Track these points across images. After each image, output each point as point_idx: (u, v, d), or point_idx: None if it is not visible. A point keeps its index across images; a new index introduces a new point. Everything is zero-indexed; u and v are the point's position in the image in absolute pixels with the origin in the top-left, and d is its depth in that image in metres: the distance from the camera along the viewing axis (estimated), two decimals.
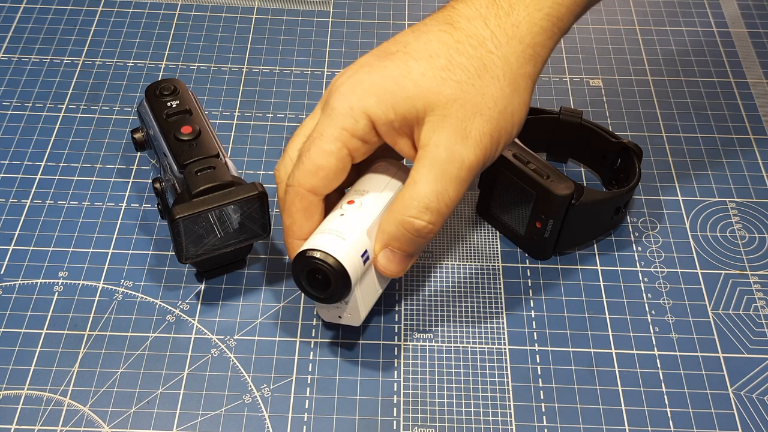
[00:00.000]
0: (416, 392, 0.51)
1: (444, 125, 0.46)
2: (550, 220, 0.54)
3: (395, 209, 0.47)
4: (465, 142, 0.46)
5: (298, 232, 0.49)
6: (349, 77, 0.48)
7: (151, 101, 0.57)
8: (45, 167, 0.62)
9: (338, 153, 0.47)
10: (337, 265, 0.46)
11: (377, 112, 0.47)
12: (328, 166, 0.48)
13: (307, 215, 0.49)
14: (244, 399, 0.50)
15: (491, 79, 0.47)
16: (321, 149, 0.47)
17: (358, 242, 0.48)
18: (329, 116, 0.47)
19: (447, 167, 0.46)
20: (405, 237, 0.47)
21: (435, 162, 0.46)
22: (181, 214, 0.49)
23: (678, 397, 0.51)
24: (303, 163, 0.48)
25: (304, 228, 0.49)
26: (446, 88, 0.46)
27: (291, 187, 0.49)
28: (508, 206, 0.57)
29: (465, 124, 0.46)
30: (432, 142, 0.46)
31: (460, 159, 0.46)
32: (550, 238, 0.55)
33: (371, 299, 0.51)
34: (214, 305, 0.55)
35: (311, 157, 0.48)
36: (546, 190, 0.53)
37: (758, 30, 0.75)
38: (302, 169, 0.48)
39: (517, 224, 0.57)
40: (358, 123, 0.47)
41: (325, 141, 0.47)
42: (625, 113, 0.67)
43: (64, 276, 0.56)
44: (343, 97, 0.47)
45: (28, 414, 0.49)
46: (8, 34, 0.72)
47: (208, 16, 0.74)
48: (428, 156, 0.46)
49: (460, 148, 0.46)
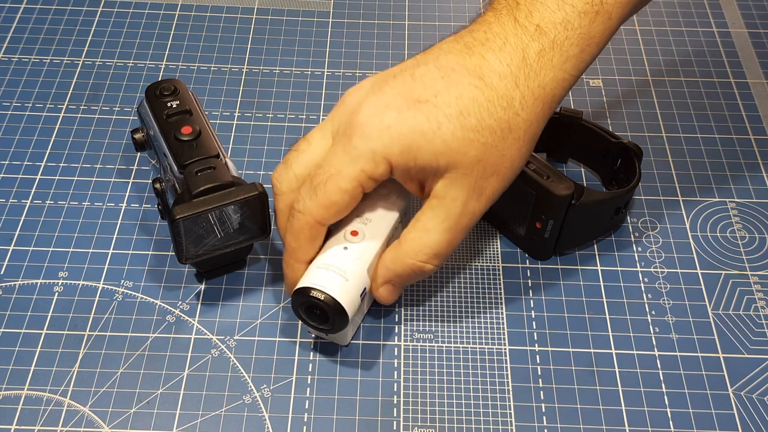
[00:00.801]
0: (416, 392, 0.51)
1: (463, 182, 0.48)
2: (550, 220, 0.54)
3: (405, 252, 0.49)
4: (479, 199, 0.49)
5: (302, 256, 0.51)
6: (375, 115, 0.48)
7: (151, 101, 0.57)
8: (45, 167, 0.62)
9: (353, 191, 0.49)
10: (338, 307, 0.48)
11: (399, 161, 0.48)
12: (341, 203, 0.49)
13: (313, 243, 0.50)
14: (244, 399, 0.50)
15: (513, 140, 0.48)
16: (338, 187, 0.48)
17: (359, 282, 0.50)
18: (350, 155, 0.48)
19: (460, 220, 0.49)
20: (410, 276, 0.50)
21: (450, 215, 0.48)
22: (181, 215, 0.49)
23: (678, 398, 0.51)
24: (317, 196, 0.49)
25: (309, 253, 0.51)
26: (472, 150, 0.47)
27: (301, 215, 0.49)
28: (508, 206, 0.57)
29: (482, 182, 0.48)
30: (449, 195, 0.48)
31: (471, 212, 0.49)
32: (550, 239, 0.55)
33: (358, 321, 0.53)
34: (214, 305, 0.55)
35: (327, 192, 0.48)
36: (546, 190, 0.53)
37: (758, 30, 0.75)
38: (316, 202, 0.49)
39: (517, 224, 0.57)
40: (377, 168, 0.48)
41: (343, 180, 0.48)
42: (625, 113, 0.67)
43: (64, 276, 0.56)
44: (368, 140, 0.47)
45: (28, 414, 0.49)
46: (8, 34, 0.72)
47: (208, 16, 0.74)
48: (444, 208, 0.48)
49: (473, 204, 0.49)
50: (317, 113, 0.66)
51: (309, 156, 0.50)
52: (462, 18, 0.75)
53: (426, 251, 0.49)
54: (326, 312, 0.49)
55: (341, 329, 0.50)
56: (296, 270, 0.51)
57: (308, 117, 0.66)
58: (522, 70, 0.48)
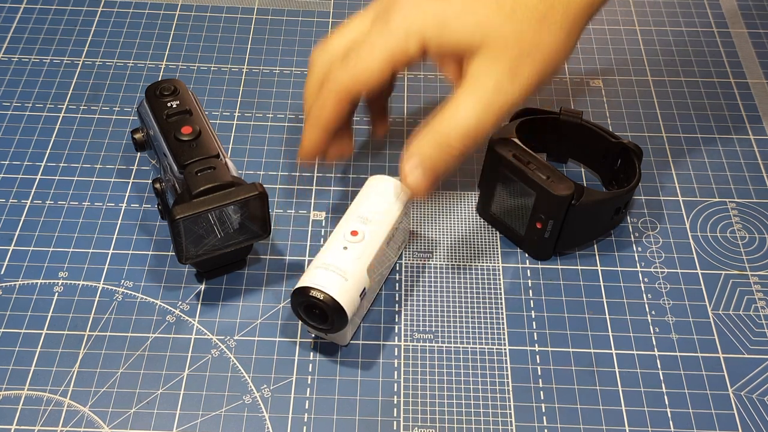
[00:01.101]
0: (416, 393, 0.51)
1: (497, 61, 0.48)
2: (551, 220, 0.54)
3: (434, 130, 0.49)
4: (513, 81, 0.48)
5: (324, 123, 0.51)
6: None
7: (151, 101, 0.57)
8: (45, 167, 0.62)
9: (385, 65, 0.49)
10: (337, 307, 0.48)
11: (433, 39, 0.49)
12: (372, 75, 0.50)
13: (337, 112, 0.51)
14: (244, 399, 0.50)
15: (550, 24, 0.48)
16: (370, 57, 0.49)
17: (359, 282, 0.50)
18: (385, 28, 0.49)
19: (492, 100, 0.49)
20: (440, 157, 0.50)
21: (483, 94, 0.48)
22: (181, 215, 0.49)
23: (678, 398, 0.51)
24: (349, 65, 0.50)
25: (331, 122, 0.51)
26: (507, 27, 0.48)
27: (331, 83, 0.51)
28: (508, 206, 0.57)
29: (516, 64, 0.48)
30: (482, 74, 0.48)
31: (505, 96, 0.49)
32: (550, 239, 0.55)
33: (358, 321, 0.53)
34: (214, 306, 0.55)
35: (358, 62, 0.50)
36: (546, 191, 0.53)
37: (758, 30, 0.75)
38: (347, 71, 0.50)
39: (517, 224, 0.57)
40: (411, 43, 0.49)
41: (376, 50, 0.49)
42: (625, 113, 0.67)
43: (64, 276, 0.56)
44: (405, 16, 0.49)
45: (28, 414, 0.49)
46: (8, 34, 0.72)
47: (208, 16, 0.74)
48: (476, 86, 0.49)
49: (507, 85, 0.48)
50: None
51: (346, 36, 0.52)
52: None
53: (455, 130, 0.49)
54: (325, 312, 0.49)
55: (340, 329, 0.50)
56: (315, 136, 0.52)
57: None
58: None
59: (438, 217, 0.60)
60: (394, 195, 0.53)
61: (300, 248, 0.58)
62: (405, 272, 0.57)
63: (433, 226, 0.59)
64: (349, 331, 0.52)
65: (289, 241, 0.58)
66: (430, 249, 0.58)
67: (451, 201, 0.61)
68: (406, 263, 0.57)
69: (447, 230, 0.59)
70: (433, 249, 0.58)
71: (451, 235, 0.59)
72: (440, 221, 0.60)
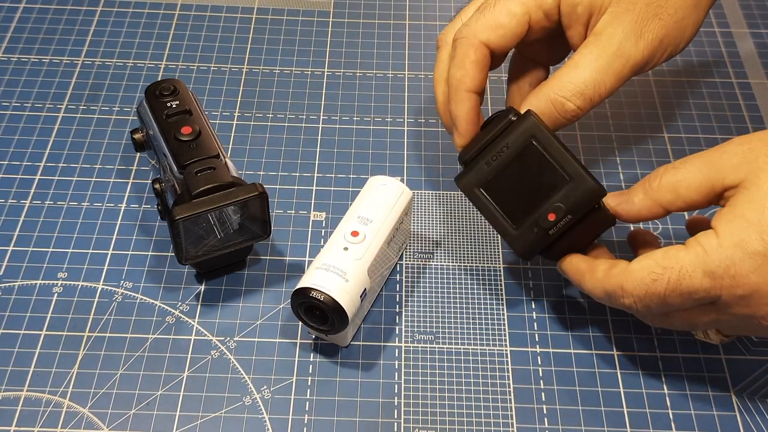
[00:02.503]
0: (417, 394, 0.51)
1: (623, 19, 0.48)
2: (569, 215, 0.49)
3: (549, 86, 0.49)
4: (637, 41, 0.48)
5: (470, 83, 0.50)
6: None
7: (151, 101, 0.57)
8: (44, 167, 0.62)
9: (522, 17, 0.49)
10: (338, 307, 0.48)
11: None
12: (508, 26, 0.49)
13: (480, 67, 0.50)
14: (244, 401, 0.50)
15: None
16: (507, 8, 0.49)
17: (359, 283, 0.49)
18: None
19: (613, 60, 0.48)
20: (551, 114, 0.49)
21: (603, 52, 0.48)
22: (181, 215, 0.49)
23: (680, 399, 0.51)
24: (484, 16, 0.49)
25: (477, 79, 0.50)
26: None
27: (464, 39, 0.50)
28: (513, 188, 0.50)
29: (642, 24, 0.48)
30: (606, 32, 0.48)
31: (627, 56, 0.48)
32: (549, 237, 0.50)
33: (358, 322, 0.53)
34: (214, 306, 0.55)
35: (495, 13, 0.49)
36: (584, 179, 0.48)
37: (760, 30, 0.75)
38: (482, 22, 0.49)
39: (515, 211, 0.50)
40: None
41: (513, 1, 0.49)
42: (626, 113, 0.67)
43: (63, 277, 0.56)
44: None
45: (28, 415, 0.49)
46: (8, 34, 0.72)
47: (208, 16, 0.74)
48: (598, 44, 0.48)
49: (630, 46, 0.48)
50: (317, 113, 0.66)
51: (474, 6, 0.51)
52: None
53: (569, 87, 0.48)
54: (326, 312, 0.49)
55: (341, 330, 0.49)
56: (465, 102, 0.50)
57: (308, 117, 0.66)
58: None
59: (438, 218, 0.60)
60: (394, 195, 0.53)
61: (300, 249, 0.58)
62: (405, 273, 0.56)
63: (434, 227, 0.59)
64: (350, 332, 0.52)
65: (290, 242, 0.58)
66: (430, 250, 0.58)
67: (451, 201, 0.61)
68: (406, 264, 0.57)
69: (447, 231, 0.59)
70: (433, 250, 0.58)
71: (451, 235, 0.59)
72: (441, 221, 0.59)
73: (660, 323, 0.48)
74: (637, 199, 0.47)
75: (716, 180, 0.45)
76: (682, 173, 0.46)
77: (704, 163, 0.46)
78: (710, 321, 0.46)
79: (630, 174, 0.63)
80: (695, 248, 0.44)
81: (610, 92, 0.49)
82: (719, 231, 0.44)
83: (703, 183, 0.45)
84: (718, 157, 0.45)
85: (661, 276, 0.44)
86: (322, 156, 0.63)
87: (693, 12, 0.50)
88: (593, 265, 0.48)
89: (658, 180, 0.47)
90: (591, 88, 0.48)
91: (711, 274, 0.43)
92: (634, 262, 0.46)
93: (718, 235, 0.43)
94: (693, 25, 0.51)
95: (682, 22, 0.50)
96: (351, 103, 0.67)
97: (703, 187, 0.45)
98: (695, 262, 0.43)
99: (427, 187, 0.62)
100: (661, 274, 0.44)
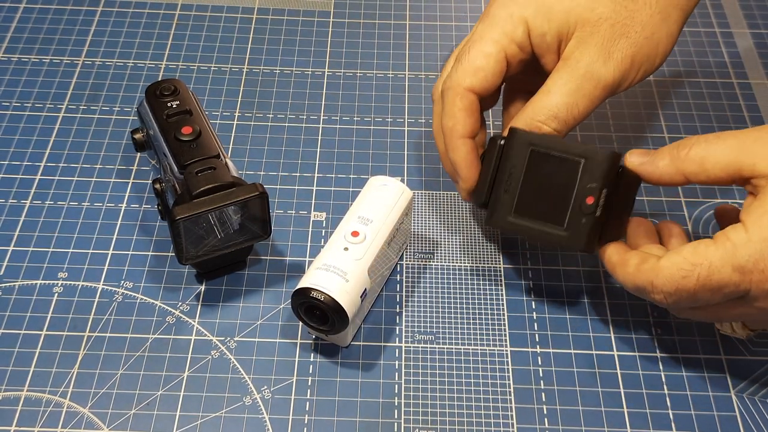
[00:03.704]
0: (417, 394, 0.51)
1: (589, 42, 0.49)
2: (604, 189, 0.48)
3: (525, 113, 0.50)
4: (606, 62, 0.49)
5: (462, 130, 0.51)
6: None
7: (151, 101, 0.57)
8: (45, 167, 0.62)
9: (497, 55, 0.50)
10: (338, 307, 0.48)
11: (534, 22, 0.50)
12: (487, 67, 0.50)
13: (468, 113, 0.51)
14: (245, 401, 0.50)
15: (644, 4, 0.49)
16: (481, 51, 0.50)
17: (360, 282, 0.50)
18: (489, 22, 0.51)
19: (582, 83, 0.49)
20: None
21: (572, 76, 0.49)
22: (181, 215, 0.49)
23: (680, 400, 0.51)
24: (462, 64, 0.51)
25: (468, 125, 0.51)
26: (600, 6, 0.49)
27: (449, 89, 0.51)
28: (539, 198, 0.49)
29: (610, 45, 0.49)
30: (574, 56, 0.49)
31: (597, 77, 0.49)
32: (599, 218, 0.48)
33: (359, 322, 0.53)
34: (214, 306, 0.55)
35: (470, 59, 0.50)
36: (595, 151, 0.48)
37: (761, 31, 0.75)
38: (461, 69, 0.51)
39: (554, 217, 0.49)
40: (516, 29, 0.50)
41: (485, 43, 0.50)
42: (626, 113, 0.67)
43: (63, 277, 0.56)
44: (504, 6, 0.51)
45: (28, 415, 0.49)
46: (8, 34, 0.72)
47: (208, 16, 0.74)
48: (567, 69, 0.49)
49: (599, 67, 0.49)
50: (317, 113, 0.66)
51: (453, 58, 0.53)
52: (463, 18, 0.75)
53: (543, 111, 0.49)
54: (326, 312, 0.49)
55: (341, 330, 0.49)
56: (460, 149, 0.51)
57: (308, 117, 0.66)
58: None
59: (439, 218, 0.60)
60: (395, 196, 0.53)
61: (300, 249, 0.58)
62: (406, 273, 0.56)
63: (434, 227, 0.59)
64: (350, 333, 0.52)
65: (290, 242, 0.58)
66: (430, 250, 0.58)
67: (451, 201, 0.61)
68: (406, 264, 0.57)
69: (448, 231, 0.59)
70: (433, 250, 0.58)
71: (451, 235, 0.59)
72: (441, 221, 0.59)
73: (688, 315, 0.49)
74: (662, 164, 0.48)
75: (746, 164, 0.45)
76: (713, 149, 0.46)
77: (737, 143, 0.46)
78: (738, 314, 0.47)
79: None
80: (724, 243, 0.44)
81: (584, 114, 0.50)
82: (748, 225, 0.44)
83: (732, 163, 0.45)
84: (752, 142, 0.45)
85: (690, 272, 0.44)
86: (323, 156, 0.63)
87: (662, 26, 0.50)
88: (625, 259, 0.48)
89: (687, 149, 0.47)
90: (564, 111, 0.49)
91: (740, 268, 0.43)
92: (664, 259, 0.46)
93: (747, 230, 0.44)
94: (666, 39, 0.51)
95: (653, 38, 0.50)
96: (351, 103, 0.67)
97: (731, 167, 0.45)
98: (724, 257, 0.43)
99: (428, 187, 0.62)
100: (690, 271, 0.44)
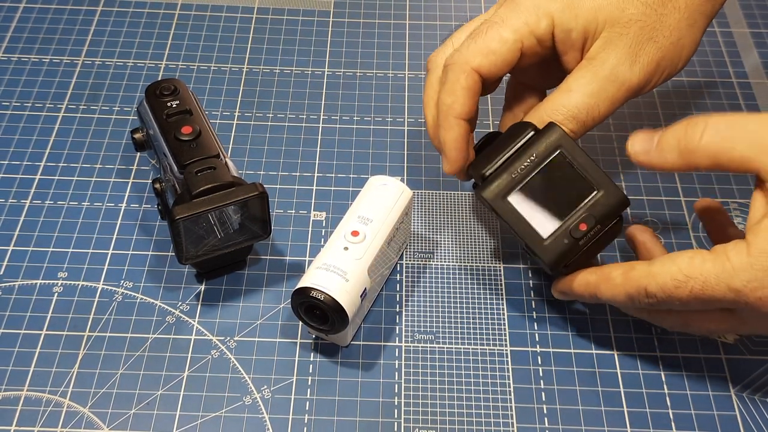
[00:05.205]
0: (417, 394, 0.51)
1: (617, 43, 0.48)
2: (599, 225, 0.48)
3: (543, 109, 0.49)
4: (632, 65, 0.48)
5: (459, 109, 0.49)
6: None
7: (151, 101, 0.57)
8: (44, 167, 0.62)
9: (513, 44, 0.48)
10: (338, 307, 0.48)
11: (561, 17, 0.48)
12: (500, 52, 0.49)
13: (470, 93, 0.49)
14: (245, 400, 0.50)
15: (673, 8, 0.49)
16: (498, 34, 0.48)
17: (359, 282, 0.49)
18: (513, 8, 0.49)
19: (606, 84, 0.48)
20: None
21: (596, 76, 0.48)
22: (181, 215, 0.49)
23: (680, 399, 0.51)
24: (476, 42, 0.49)
25: (466, 106, 0.49)
26: (631, 8, 0.48)
27: (456, 65, 0.49)
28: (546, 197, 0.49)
29: (638, 48, 0.48)
30: (600, 56, 0.48)
31: (621, 80, 0.48)
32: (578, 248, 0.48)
33: (358, 322, 0.53)
34: (214, 306, 0.55)
35: (486, 39, 0.49)
36: (614, 188, 0.48)
37: (760, 30, 0.75)
38: (473, 48, 0.49)
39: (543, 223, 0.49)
40: (540, 22, 0.48)
41: (505, 28, 0.48)
42: (627, 113, 0.67)
43: (63, 277, 0.56)
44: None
45: (28, 415, 0.49)
46: (8, 34, 0.72)
47: (208, 16, 0.74)
48: (591, 69, 0.48)
49: (625, 70, 0.48)
50: (317, 113, 0.66)
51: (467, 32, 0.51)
52: (463, 18, 0.75)
53: (562, 111, 0.48)
54: (326, 312, 0.49)
55: (341, 330, 0.49)
56: (453, 129, 0.49)
57: (308, 117, 0.66)
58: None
59: (439, 218, 0.60)
60: (394, 195, 0.53)
61: (300, 248, 0.58)
62: (405, 273, 0.56)
63: (434, 227, 0.59)
64: (350, 332, 0.52)
65: (290, 242, 0.58)
66: (430, 249, 0.58)
67: (451, 201, 0.61)
68: (406, 264, 0.57)
69: (448, 230, 0.59)
70: (433, 250, 0.58)
71: (451, 235, 0.59)
72: (441, 221, 0.59)
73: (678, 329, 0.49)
74: (671, 157, 0.45)
75: (763, 164, 0.43)
76: (729, 140, 0.44)
77: (759, 139, 0.43)
78: (727, 328, 0.46)
79: (630, 174, 0.63)
80: (723, 263, 0.42)
81: (604, 116, 0.49)
82: (752, 248, 0.42)
83: (747, 162, 0.44)
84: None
85: (684, 284, 0.43)
86: (323, 156, 0.63)
87: (689, 32, 0.50)
88: (604, 274, 0.47)
89: (698, 136, 0.44)
90: (584, 112, 0.48)
91: (736, 291, 0.42)
92: (657, 265, 0.45)
93: (750, 254, 0.42)
94: (690, 45, 0.50)
95: (679, 43, 0.49)
96: (351, 103, 0.67)
97: (745, 165, 0.44)
98: (721, 276, 0.42)
99: (427, 187, 0.62)
100: (684, 282, 0.43)
